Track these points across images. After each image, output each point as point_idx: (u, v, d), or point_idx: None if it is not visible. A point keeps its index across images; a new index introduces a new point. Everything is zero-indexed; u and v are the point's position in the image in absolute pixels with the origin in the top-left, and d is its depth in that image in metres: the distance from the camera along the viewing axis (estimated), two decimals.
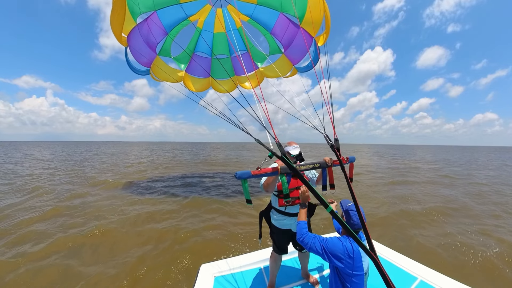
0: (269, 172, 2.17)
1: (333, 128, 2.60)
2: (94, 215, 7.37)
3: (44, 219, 7.02)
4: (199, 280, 2.89)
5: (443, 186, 12.67)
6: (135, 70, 7.11)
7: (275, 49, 8.33)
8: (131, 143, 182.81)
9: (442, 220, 7.20)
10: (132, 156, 33.83)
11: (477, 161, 31.92)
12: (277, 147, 2.24)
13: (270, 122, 2.40)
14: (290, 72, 8.40)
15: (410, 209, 8.16)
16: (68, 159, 27.80)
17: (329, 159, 2.54)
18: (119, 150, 52.14)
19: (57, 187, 11.62)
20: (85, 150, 51.27)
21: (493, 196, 10.26)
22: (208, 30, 8.13)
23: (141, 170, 18.22)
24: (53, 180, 13.65)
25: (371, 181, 13.79)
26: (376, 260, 1.72)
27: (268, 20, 7.39)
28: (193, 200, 9.29)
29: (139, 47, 6.47)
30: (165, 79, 8.01)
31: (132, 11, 5.55)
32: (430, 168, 21.68)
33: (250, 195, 2.11)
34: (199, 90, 9.24)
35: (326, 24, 6.41)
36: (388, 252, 3.52)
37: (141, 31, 6.18)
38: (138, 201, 9.11)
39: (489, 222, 7.01)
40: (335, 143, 2.46)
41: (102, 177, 14.36)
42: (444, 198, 9.81)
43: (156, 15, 6.28)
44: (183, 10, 6.67)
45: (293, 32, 7.28)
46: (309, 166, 2.39)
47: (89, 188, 11.31)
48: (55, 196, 9.78)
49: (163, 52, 7.61)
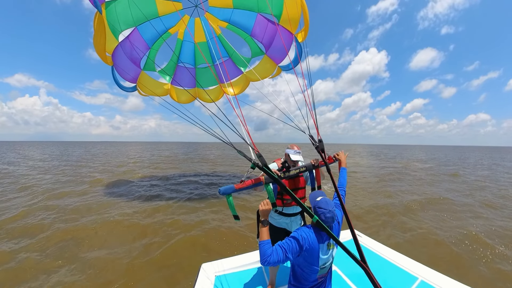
0: (253, 184, 2.13)
1: (316, 130, 2.61)
2: (98, 211, 7.55)
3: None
4: (199, 279, 2.88)
5: (429, 183, 13.26)
6: (123, 87, 7.13)
7: (256, 51, 8.42)
8: (126, 143, 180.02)
9: (420, 211, 7.89)
10: (125, 157, 33.38)
11: (468, 160, 33.38)
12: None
13: (248, 134, 2.32)
14: (274, 72, 8.48)
15: (392, 202, 8.77)
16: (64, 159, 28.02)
17: (315, 161, 2.52)
18: (115, 151, 51.17)
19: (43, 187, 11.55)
20: (77, 150, 50.65)
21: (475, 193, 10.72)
22: (189, 40, 8.19)
23: (148, 166, 18.23)
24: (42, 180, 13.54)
25: (361, 179, 14.28)
26: (367, 271, 1.63)
27: (247, 23, 7.50)
28: (193, 198, 9.30)
29: (124, 64, 6.49)
30: (152, 93, 7.96)
31: (113, 30, 5.58)
32: (422, 167, 22.03)
33: (236, 211, 2.03)
34: (186, 101, 9.21)
35: (304, 20, 6.51)
36: (389, 252, 3.49)
37: (124, 48, 6.21)
38: (136, 199, 8.94)
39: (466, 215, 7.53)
40: (319, 144, 2.46)
41: (96, 176, 14.49)
42: (424, 194, 10.36)
43: (137, 31, 6.33)
44: (162, 23, 6.73)
45: (272, 32, 7.39)
46: (295, 171, 2.36)
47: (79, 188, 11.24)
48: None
49: (147, 67, 7.65)
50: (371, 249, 3.60)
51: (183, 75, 8.65)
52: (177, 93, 8.95)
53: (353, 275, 3.00)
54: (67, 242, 5.46)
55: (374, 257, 3.42)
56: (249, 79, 9.14)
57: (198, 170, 18.41)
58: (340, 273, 3.09)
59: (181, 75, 8.65)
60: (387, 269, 3.12)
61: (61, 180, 13.16)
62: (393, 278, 2.92)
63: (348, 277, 2.97)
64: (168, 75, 8.49)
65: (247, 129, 2.37)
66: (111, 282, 4.04)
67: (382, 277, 2.91)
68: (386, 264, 3.23)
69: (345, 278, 2.99)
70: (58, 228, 6.17)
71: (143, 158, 29.59)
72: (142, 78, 7.42)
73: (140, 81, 7.37)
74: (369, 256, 3.37)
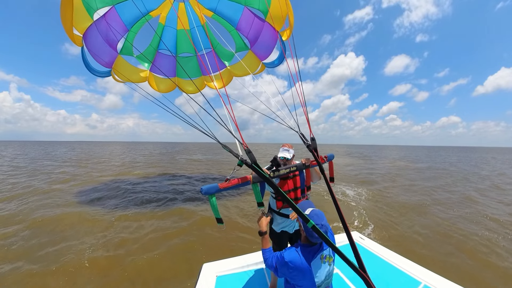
0: (239, 183, 1.97)
1: (309, 127, 2.48)
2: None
3: None
4: (201, 279, 2.87)
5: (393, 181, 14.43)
6: (95, 71, 6.56)
7: (241, 46, 8.26)
8: (104, 143, 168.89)
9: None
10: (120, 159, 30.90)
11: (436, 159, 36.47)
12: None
13: (237, 126, 2.13)
14: (258, 69, 8.37)
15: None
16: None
17: (305, 160, 2.44)
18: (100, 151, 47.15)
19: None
20: (57, 150, 45.47)
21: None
22: (171, 26, 7.79)
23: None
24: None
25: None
26: (366, 279, 1.58)
27: (233, 15, 7.35)
28: (192, 197, 9.35)
29: (99, 46, 5.98)
30: (128, 79, 7.40)
31: (87, 7, 5.11)
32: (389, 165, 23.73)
33: (219, 214, 1.88)
34: (165, 91, 8.77)
35: (289, 18, 6.58)
36: (392, 255, 3.46)
37: (99, 28, 5.71)
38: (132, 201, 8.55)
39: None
40: (312, 142, 2.34)
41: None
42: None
43: (114, 10, 5.88)
44: (143, 4, 6.30)
45: (258, 27, 7.34)
46: (285, 170, 2.29)
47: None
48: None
49: (125, 51, 7.14)
50: (374, 252, 3.58)
51: (163, 63, 8.25)
52: (156, 81, 8.48)
53: (356, 278, 2.91)
54: None
55: (377, 260, 3.41)
56: (232, 74, 8.98)
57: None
58: (342, 275, 3.06)
59: (161, 62, 8.22)
60: (390, 273, 3.12)
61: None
62: (396, 282, 2.92)
63: (351, 280, 2.92)
64: (147, 62, 8.03)
65: (235, 120, 2.16)
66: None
67: (385, 281, 2.92)
68: (389, 268, 3.22)
69: (347, 281, 2.96)
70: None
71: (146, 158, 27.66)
72: (118, 63, 6.92)
73: (116, 66, 6.89)
74: (372, 260, 3.38)
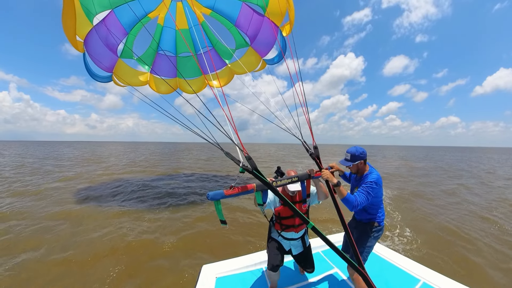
0: (244, 191, 2.03)
1: (311, 135, 2.45)
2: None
3: None
4: (200, 281, 2.86)
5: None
6: (96, 77, 6.56)
7: (241, 43, 8.15)
8: (103, 143, 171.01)
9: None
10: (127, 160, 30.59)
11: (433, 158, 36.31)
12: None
13: (237, 134, 2.10)
14: (259, 66, 8.29)
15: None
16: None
17: (310, 171, 2.40)
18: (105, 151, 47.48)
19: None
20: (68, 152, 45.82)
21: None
22: (170, 26, 7.71)
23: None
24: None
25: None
26: (367, 278, 1.63)
27: (231, 12, 7.23)
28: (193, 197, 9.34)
29: (99, 50, 5.98)
30: (129, 83, 7.33)
31: (87, 12, 5.10)
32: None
33: (224, 216, 1.98)
34: (166, 92, 8.73)
35: (289, 13, 6.44)
36: (391, 254, 3.50)
37: (99, 33, 5.71)
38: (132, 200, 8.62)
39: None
40: (315, 151, 2.33)
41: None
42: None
43: (113, 14, 5.84)
44: (141, 6, 6.24)
45: (258, 23, 7.21)
46: (287, 180, 2.28)
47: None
48: None
49: (125, 54, 7.11)
50: (374, 251, 3.60)
51: (163, 64, 8.20)
52: (156, 83, 8.43)
53: None
54: None
55: (376, 259, 3.45)
56: (233, 72, 8.90)
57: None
58: (342, 275, 3.07)
59: (161, 64, 8.17)
60: (389, 271, 3.14)
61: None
62: (395, 280, 2.95)
63: (350, 279, 2.92)
64: (147, 64, 8.00)
65: (234, 126, 2.14)
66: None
67: (384, 279, 2.94)
68: (388, 266, 3.25)
69: (346, 279, 2.97)
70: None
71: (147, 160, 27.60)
72: (119, 67, 6.90)
73: (116, 71, 6.88)
74: (371, 258, 3.38)
